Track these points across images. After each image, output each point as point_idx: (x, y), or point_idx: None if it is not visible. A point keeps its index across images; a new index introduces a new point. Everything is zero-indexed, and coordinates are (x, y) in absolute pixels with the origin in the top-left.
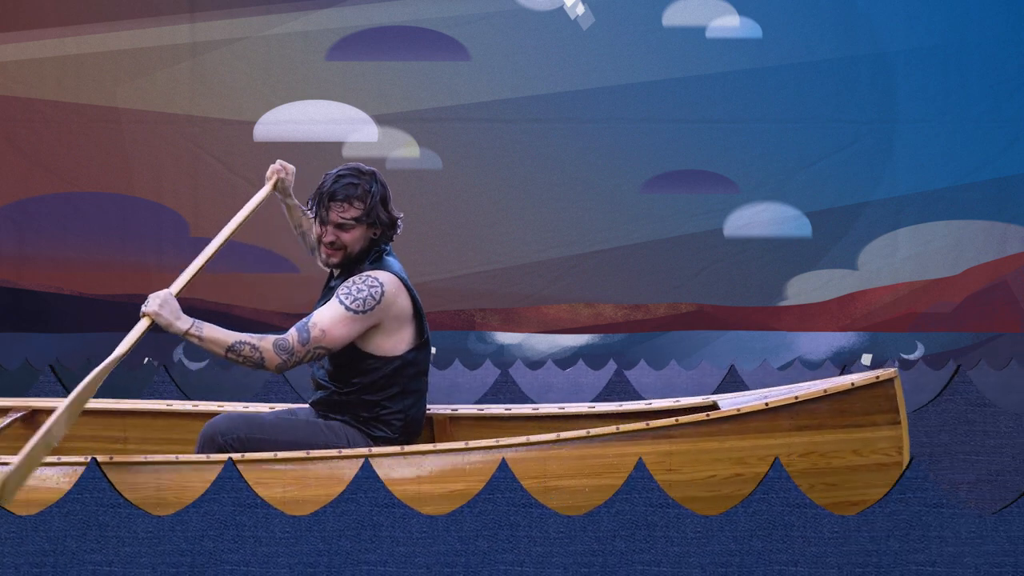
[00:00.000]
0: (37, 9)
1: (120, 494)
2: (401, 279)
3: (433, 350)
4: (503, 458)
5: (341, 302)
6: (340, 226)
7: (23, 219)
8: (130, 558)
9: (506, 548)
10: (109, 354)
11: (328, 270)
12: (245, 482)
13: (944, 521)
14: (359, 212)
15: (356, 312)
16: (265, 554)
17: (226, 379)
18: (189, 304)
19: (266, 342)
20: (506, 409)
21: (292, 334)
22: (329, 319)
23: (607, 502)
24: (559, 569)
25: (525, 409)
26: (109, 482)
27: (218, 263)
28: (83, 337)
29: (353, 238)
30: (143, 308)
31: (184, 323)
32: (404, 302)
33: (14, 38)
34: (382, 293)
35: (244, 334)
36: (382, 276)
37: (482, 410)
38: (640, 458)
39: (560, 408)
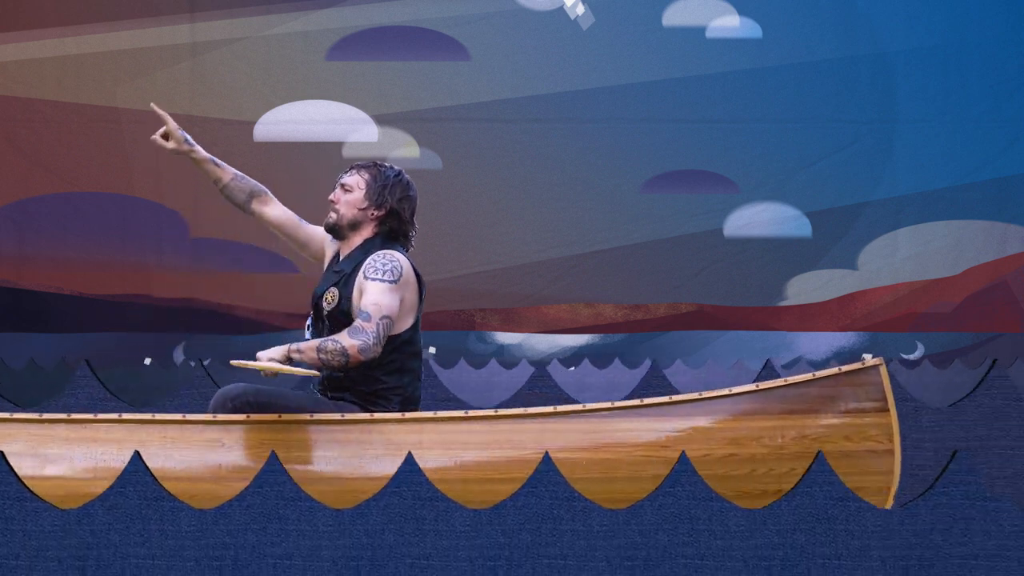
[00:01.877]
0: (37, 9)
1: (163, 487)
2: (411, 263)
3: (432, 349)
4: (547, 453)
5: (373, 278)
6: (342, 186)
7: (23, 219)
8: (173, 551)
9: (549, 542)
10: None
11: (332, 235)
12: (288, 476)
13: (988, 515)
14: (362, 179)
15: (391, 282)
16: (308, 547)
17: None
18: (190, 304)
19: (341, 334)
20: (495, 412)
21: (356, 321)
22: (375, 295)
23: (651, 496)
24: (602, 563)
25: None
26: (153, 477)
27: (218, 263)
28: (83, 337)
29: (347, 201)
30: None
31: (281, 350)
32: (413, 295)
33: (14, 38)
34: (402, 266)
35: (322, 338)
36: (396, 254)
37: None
38: (683, 453)
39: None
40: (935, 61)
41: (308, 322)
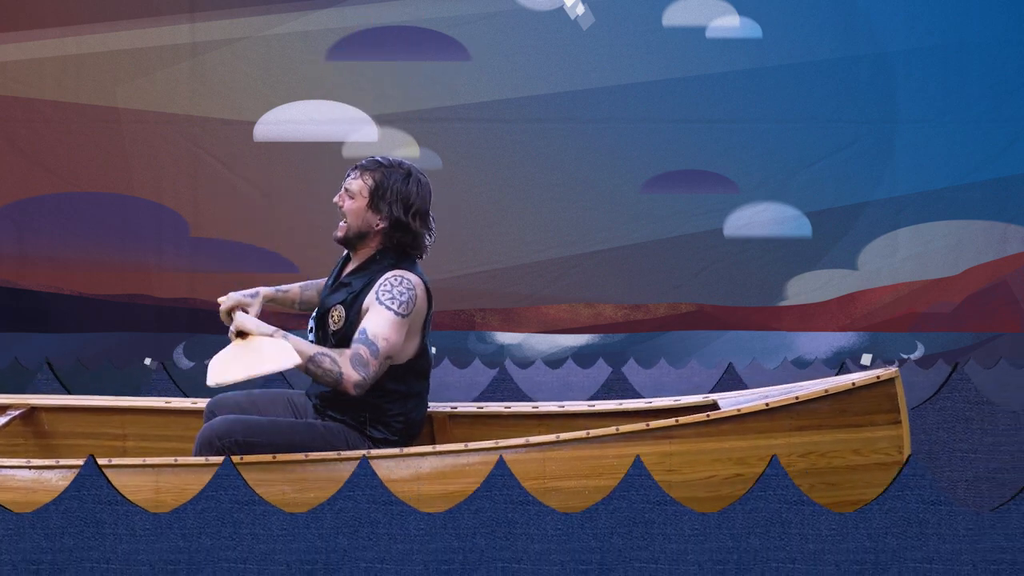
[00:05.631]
0: (37, 9)
1: (117, 491)
2: (425, 283)
3: (432, 349)
4: (500, 456)
5: (389, 307)
6: (347, 191)
7: (23, 219)
8: (127, 555)
9: (503, 546)
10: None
11: (341, 248)
12: (243, 480)
13: (942, 518)
14: (365, 186)
15: (404, 316)
16: (263, 551)
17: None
18: (190, 304)
19: (344, 358)
20: (505, 407)
21: (362, 349)
22: (386, 327)
23: (605, 499)
24: (556, 566)
25: (524, 407)
26: (107, 479)
27: (218, 263)
28: (83, 337)
29: (352, 209)
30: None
31: (267, 331)
32: (420, 317)
33: (14, 38)
34: (416, 295)
35: (323, 348)
36: (412, 278)
37: (481, 408)
38: (638, 457)
39: (560, 407)
40: (935, 61)
41: (311, 324)
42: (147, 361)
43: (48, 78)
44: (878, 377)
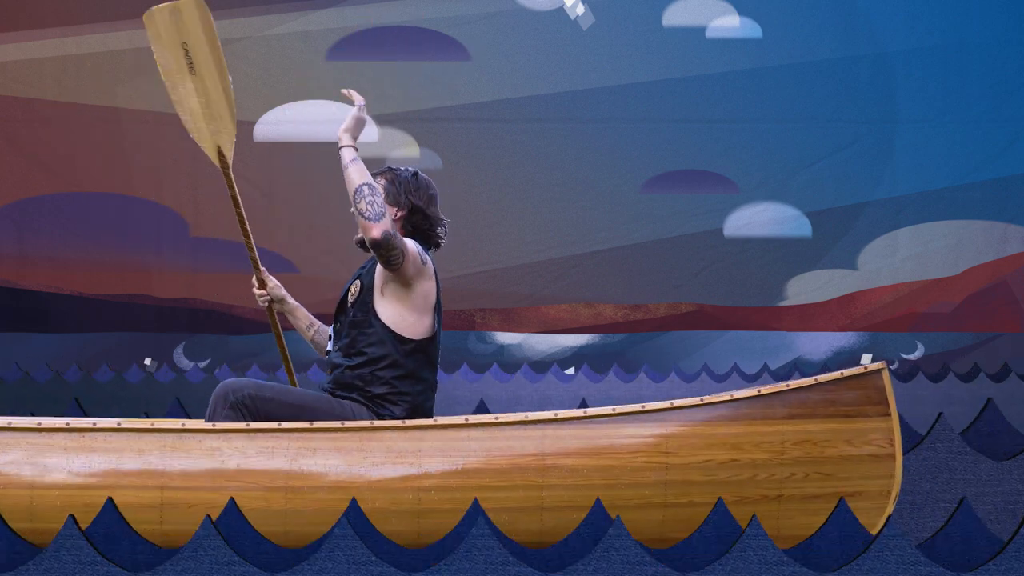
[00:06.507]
0: (37, 9)
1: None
2: (434, 267)
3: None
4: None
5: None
6: None
7: (23, 219)
8: None
9: None
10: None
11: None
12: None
13: None
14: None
15: (418, 252)
16: None
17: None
18: (189, 304)
19: (386, 217)
20: (495, 418)
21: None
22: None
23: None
24: None
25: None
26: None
27: (218, 263)
28: (83, 337)
29: None
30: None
31: (348, 140)
32: (432, 287)
33: (14, 38)
34: (427, 259)
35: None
36: (426, 256)
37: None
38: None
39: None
40: (935, 61)
41: (334, 322)
42: (147, 361)
43: (48, 78)
44: (865, 368)
